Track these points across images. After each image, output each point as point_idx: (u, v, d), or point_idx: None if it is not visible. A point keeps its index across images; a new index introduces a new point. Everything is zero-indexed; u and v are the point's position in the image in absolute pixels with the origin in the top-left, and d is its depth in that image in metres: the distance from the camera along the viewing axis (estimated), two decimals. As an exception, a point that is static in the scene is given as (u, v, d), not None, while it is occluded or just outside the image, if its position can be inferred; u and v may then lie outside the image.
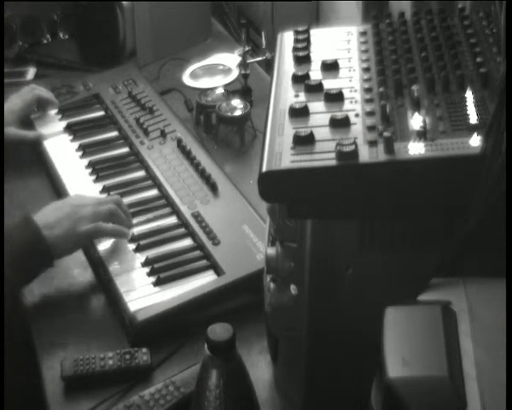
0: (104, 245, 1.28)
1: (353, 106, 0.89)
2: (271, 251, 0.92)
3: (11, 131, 1.54)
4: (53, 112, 1.68)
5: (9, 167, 1.49)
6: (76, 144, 1.58)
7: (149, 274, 1.22)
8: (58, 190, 1.47)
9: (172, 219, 1.34)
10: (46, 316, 1.20)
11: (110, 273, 1.23)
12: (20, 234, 1.18)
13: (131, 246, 1.28)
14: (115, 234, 1.27)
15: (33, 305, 1.22)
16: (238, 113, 1.57)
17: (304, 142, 0.83)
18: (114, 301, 1.20)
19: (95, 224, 1.24)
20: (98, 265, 1.27)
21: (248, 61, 1.69)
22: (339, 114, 0.86)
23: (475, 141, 0.80)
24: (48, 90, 1.70)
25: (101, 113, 1.69)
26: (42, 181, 1.52)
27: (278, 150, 0.83)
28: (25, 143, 1.60)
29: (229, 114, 1.57)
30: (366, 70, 0.96)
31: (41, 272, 1.20)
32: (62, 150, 1.57)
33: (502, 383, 0.62)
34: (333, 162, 0.80)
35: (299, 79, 0.95)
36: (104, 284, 1.24)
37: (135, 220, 1.34)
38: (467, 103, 0.86)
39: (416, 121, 0.84)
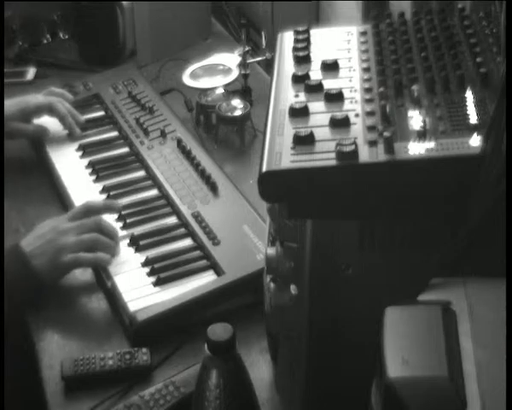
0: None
1: (353, 106, 0.89)
2: (271, 251, 0.92)
3: (11, 124, 1.54)
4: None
5: (10, 168, 1.49)
6: (76, 144, 1.58)
7: (149, 274, 1.22)
8: (58, 191, 1.47)
9: (172, 219, 1.34)
10: (46, 316, 1.20)
11: (110, 273, 1.23)
12: (9, 264, 1.18)
13: (131, 246, 1.28)
14: (96, 264, 1.26)
15: (33, 305, 1.22)
16: (238, 113, 1.57)
17: (304, 142, 0.83)
18: (114, 301, 1.20)
19: (75, 255, 1.23)
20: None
21: (248, 61, 1.69)
22: (339, 114, 0.86)
23: (475, 141, 0.80)
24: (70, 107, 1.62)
25: (101, 113, 1.69)
26: (42, 181, 1.52)
27: (278, 150, 0.83)
28: (25, 136, 1.59)
29: (229, 114, 1.57)
30: (366, 70, 0.96)
31: (32, 302, 1.21)
32: (62, 150, 1.57)
33: (502, 383, 0.62)
34: (333, 162, 0.80)
35: (299, 79, 0.95)
36: (104, 283, 1.24)
37: (135, 220, 1.34)
38: (467, 103, 0.86)
39: (416, 121, 0.84)
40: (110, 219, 1.34)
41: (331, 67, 0.97)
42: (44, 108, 1.59)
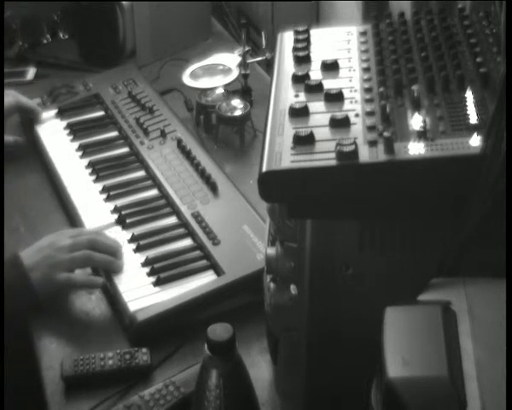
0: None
1: (353, 106, 0.89)
2: (271, 251, 0.92)
3: None
4: (52, 113, 1.68)
5: (9, 168, 1.49)
6: (76, 144, 1.58)
7: (149, 274, 1.22)
8: (58, 191, 1.47)
9: (172, 219, 1.34)
10: (46, 316, 1.20)
11: (110, 273, 1.23)
12: (7, 272, 1.17)
13: (131, 246, 1.28)
14: (87, 286, 1.25)
15: (27, 315, 1.22)
16: (238, 113, 1.57)
17: (304, 142, 0.83)
18: (114, 301, 1.20)
19: (68, 275, 1.22)
20: (98, 265, 1.27)
21: (248, 61, 1.69)
22: (339, 114, 0.86)
23: (475, 141, 0.80)
24: (31, 99, 1.68)
25: (101, 113, 1.69)
26: (42, 181, 1.52)
27: (278, 150, 0.83)
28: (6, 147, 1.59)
29: (229, 114, 1.57)
30: (366, 70, 0.96)
31: (26, 311, 1.20)
32: (62, 150, 1.57)
33: (502, 383, 0.62)
34: (333, 162, 0.80)
35: (299, 79, 0.95)
36: (104, 283, 1.24)
37: (135, 220, 1.34)
38: (467, 103, 0.86)
39: (416, 121, 0.84)
40: (111, 220, 1.34)
41: (331, 67, 0.97)
42: (14, 108, 1.61)
